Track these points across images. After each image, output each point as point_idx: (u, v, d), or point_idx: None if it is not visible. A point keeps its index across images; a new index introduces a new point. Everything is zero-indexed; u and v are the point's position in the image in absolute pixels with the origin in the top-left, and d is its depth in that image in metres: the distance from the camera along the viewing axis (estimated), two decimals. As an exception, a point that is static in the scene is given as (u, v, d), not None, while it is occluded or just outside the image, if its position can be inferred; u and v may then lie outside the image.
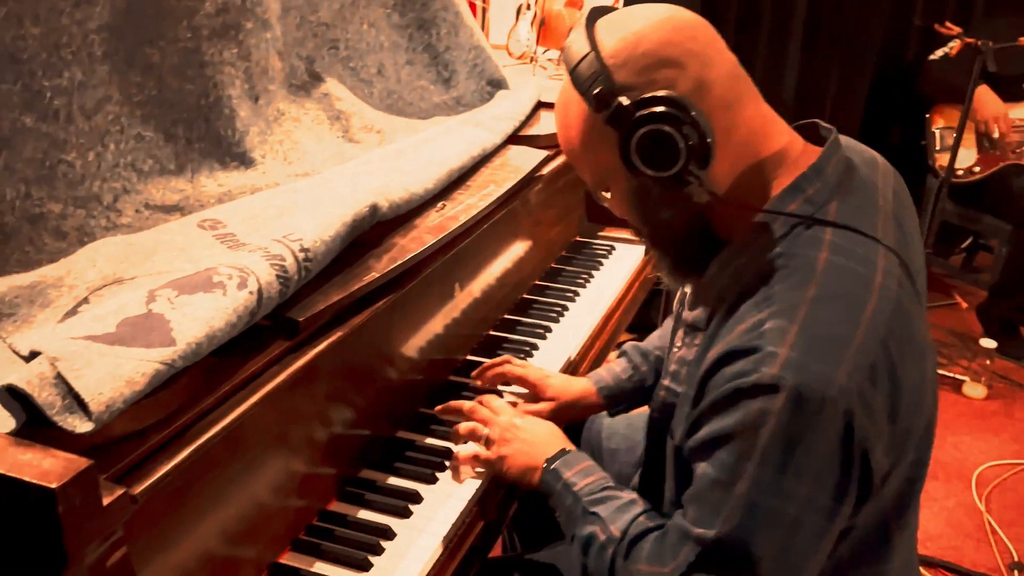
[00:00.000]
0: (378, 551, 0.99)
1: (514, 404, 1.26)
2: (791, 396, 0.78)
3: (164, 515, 0.81)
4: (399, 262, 1.15)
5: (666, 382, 1.02)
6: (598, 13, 0.91)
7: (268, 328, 0.98)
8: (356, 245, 1.15)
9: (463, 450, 1.14)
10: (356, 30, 1.67)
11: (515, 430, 1.14)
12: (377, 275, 1.10)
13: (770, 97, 2.76)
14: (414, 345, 1.26)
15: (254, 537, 0.95)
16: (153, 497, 0.78)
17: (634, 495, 1.01)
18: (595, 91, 0.85)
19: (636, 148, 0.84)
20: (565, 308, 1.59)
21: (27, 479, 0.65)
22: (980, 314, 3.13)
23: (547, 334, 1.50)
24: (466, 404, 1.20)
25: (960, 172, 3.05)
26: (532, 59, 3.04)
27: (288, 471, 1.00)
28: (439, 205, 1.34)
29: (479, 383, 1.33)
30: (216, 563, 0.89)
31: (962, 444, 2.58)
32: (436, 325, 1.32)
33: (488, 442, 1.14)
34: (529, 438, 1.13)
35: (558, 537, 1.23)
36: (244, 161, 1.37)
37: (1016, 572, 2.09)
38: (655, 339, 1.36)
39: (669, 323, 1.33)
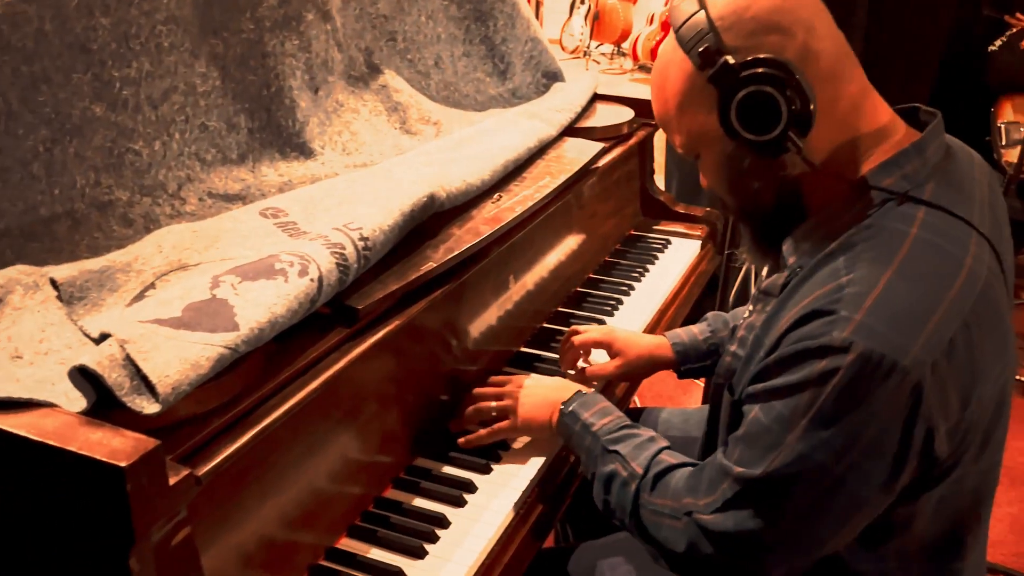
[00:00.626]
0: (433, 539, 1.00)
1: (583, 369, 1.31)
2: (859, 358, 0.77)
3: (226, 497, 0.83)
4: (456, 252, 1.15)
5: (733, 347, 1.01)
6: None
7: (328, 316, 0.99)
8: (414, 235, 1.16)
9: (484, 432, 1.15)
10: (414, 22, 1.68)
11: (525, 388, 1.16)
12: (435, 265, 1.11)
13: None
14: (468, 336, 1.26)
15: (312, 522, 0.96)
16: (216, 479, 0.79)
17: (652, 432, 1.03)
18: (700, 49, 0.85)
19: (737, 109, 0.84)
20: (619, 302, 1.58)
21: (97, 457, 0.66)
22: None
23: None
24: (467, 399, 1.21)
25: (1028, 168, 2.95)
26: (585, 53, 3.02)
27: (345, 457, 1.00)
28: (495, 196, 1.34)
29: (568, 371, 1.33)
30: (275, 546, 0.90)
31: (1028, 449, 2.49)
32: (490, 316, 1.32)
33: (500, 413, 1.15)
34: (540, 390, 1.15)
35: (612, 528, 1.23)
36: (304, 151, 1.39)
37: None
38: (739, 314, 1.35)
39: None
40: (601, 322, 1.50)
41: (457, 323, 1.22)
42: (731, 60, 0.84)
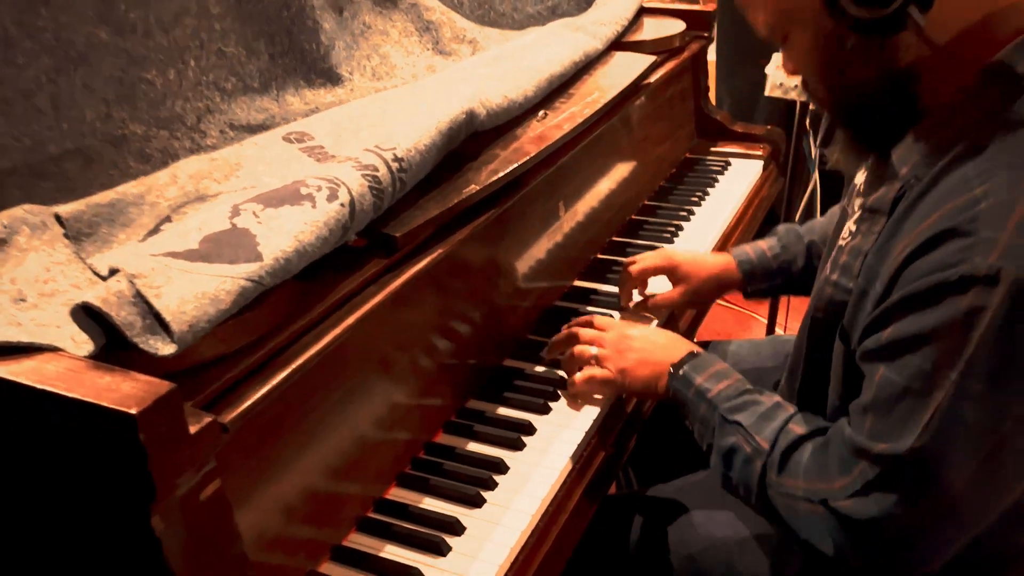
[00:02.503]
0: (491, 486, 0.91)
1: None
2: (1013, 290, 0.64)
3: (260, 446, 0.75)
4: (501, 174, 1.04)
5: (834, 276, 0.87)
6: None
7: (363, 246, 0.90)
8: (452, 157, 1.05)
9: (578, 376, 1.03)
10: (443, -65, 1.54)
11: (629, 340, 1.03)
12: (478, 188, 1.00)
13: None
14: (517, 267, 1.15)
15: (357, 471, 0.88)
16: (247, 426, 0.71)
17: (777, 398, 0.90)
18: None
19: None
20: (679, 228, 1.46)
21: (106, 404, 0.58)
22: None
23: (661, 255, 1.38)
24: (564, 332, 1.09)
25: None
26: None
27: (390, 400, 0.92)
28: (540, 114, 1.22)
29: (624, 305, 1.23)
30: (318, 499, 0.82)
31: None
32: (540, 246, 1.21)
33: (601, 361, 1.03)
34: (648, 346, 1.02)
35: (678, 473, 1.13)
36: (331, 78, 1.28)
37: None
38: (816, 226, 1.21)
39: (835, 210, 1.19)
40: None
41: (504, 253, 1.12)
42: None
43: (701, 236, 1.45)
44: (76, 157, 0.99)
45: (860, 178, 0.92)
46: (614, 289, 1.28)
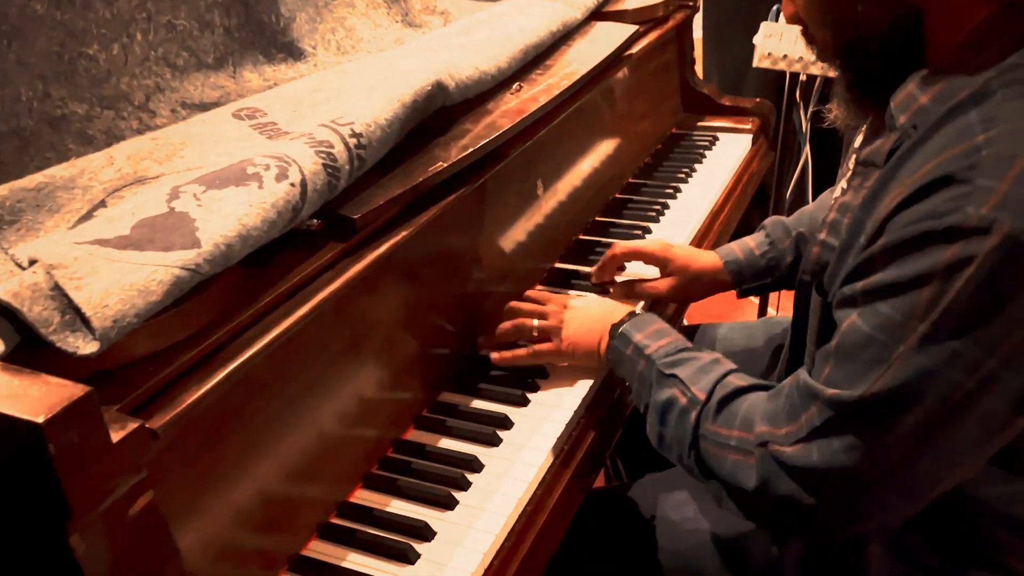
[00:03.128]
0: (464, 486, 0.85)
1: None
2: (1005, 242, 0.59)
3: (203, 452, 0.68)
4: (471, 150, 0.97)
5: (822, 235, 0.82)
6: None
7: (319, 230, 0.83)
8: (419, 132, 0.98)
9: (519, 351, 1.01)
10: (411, -99, 1.46)
11: (571, 310, 1.02)
12: (446, 165, 0.93)
13: None
14: (492, 250, 1.08)
15: (318, 473, 0.81)
16: (184, 431, 0.64)
17: (717, 355, 0.87)
18: None
19: None
20: (665, 206, 1.39)
21: (10, 412, 0.51)
22: None
23: (646, 235, 1.31)
24: (505, 310, 1.05)
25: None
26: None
27: (353, 396, 0.85)
28: (515, 87, 1.15)
29: (596, 282, 1.17)
30: (273, 505, 0.75)
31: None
32: (517, 227, 1.14)
33: (544, 332, 1.01)
34: (590, 312, 1.00)
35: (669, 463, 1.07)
36: (292, 52, 1.20)
37: None
38: (805, 216, 1.15)
39: (825, 196, 1.13)
40: (647, 231, 1.32)
41: (478, 235, 1.05)
42: None
43: (688, 215, 1.38)
44: (10, 139, 0.91)
45: (857, 139, 0.86)
46: (598, 271, 1.21)
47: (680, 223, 1.35)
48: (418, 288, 0.94)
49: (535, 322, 1.02)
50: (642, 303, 1.13)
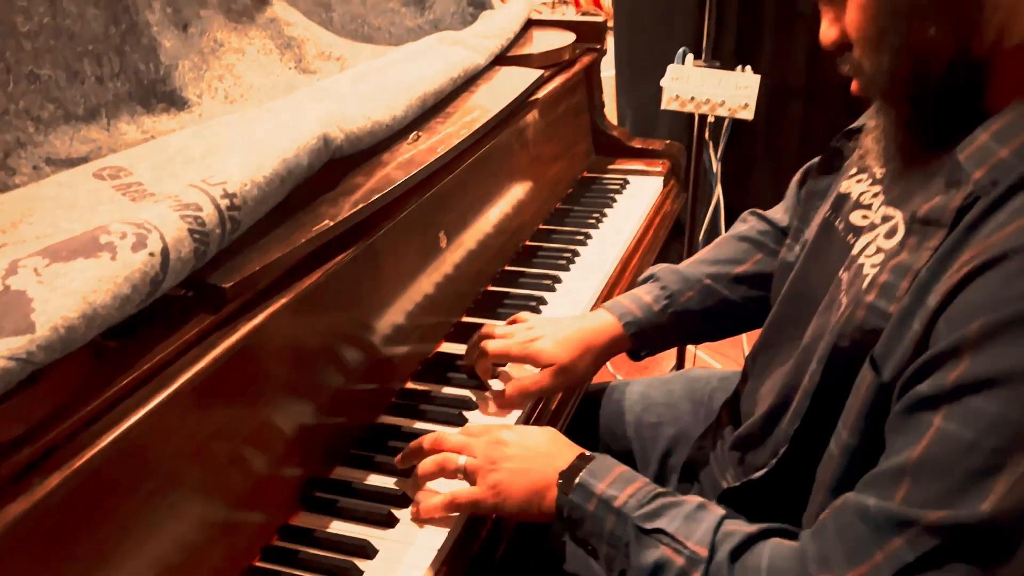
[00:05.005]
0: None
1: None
2: None
3: (41, 564, 0.59)
4: (362, 206, 0.91)
5: (870, 298, 0.69)
6: None
7: (188, 299, 0.75)
8: (306, 188, 0.92)
9: (433, 499, 0.83)
10: (306, -56, 1.41)
11: (502, 447, 0.84)
12: (332, 223, 0.87)
13: (784, 7, 2.33)
14: (390, 310, 1.02)
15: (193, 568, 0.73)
16: (17, 544, 0.55)
17: (699, 498, 0.75)
18: None
19: None
20: (576, 254, 1.35)
21: None
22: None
23: (556, 285, 1.27)
24: (427, 438, 0.87)
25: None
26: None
27: (215, 497, 0.77)
28: (412, 136, 1.10)
29: (466, 363, 1.03)
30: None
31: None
32: (418, 284, 1.08)
33: (470, 474, 0.84)
34: (525, 452, 0.83)
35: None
36: (175, 102, 1.13)
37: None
38: (706, 262, 1.06)
39: (727, 239, 1.09)
40: (557, 280, 1.28)
41: (372, 297, 0.98)
42: None
43: (601, 259, 1.35)
44: None
45: (855, 189, 0.81)
46: (504, 323, 1.16)
47: (592, 270, 1.32)
48: (302, 362, 0.86)
49: (462, 460, 0.84)
50: (525, 405, 0.99)
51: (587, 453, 0.82)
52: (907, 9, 0.64)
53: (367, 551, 0.80)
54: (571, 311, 1.20)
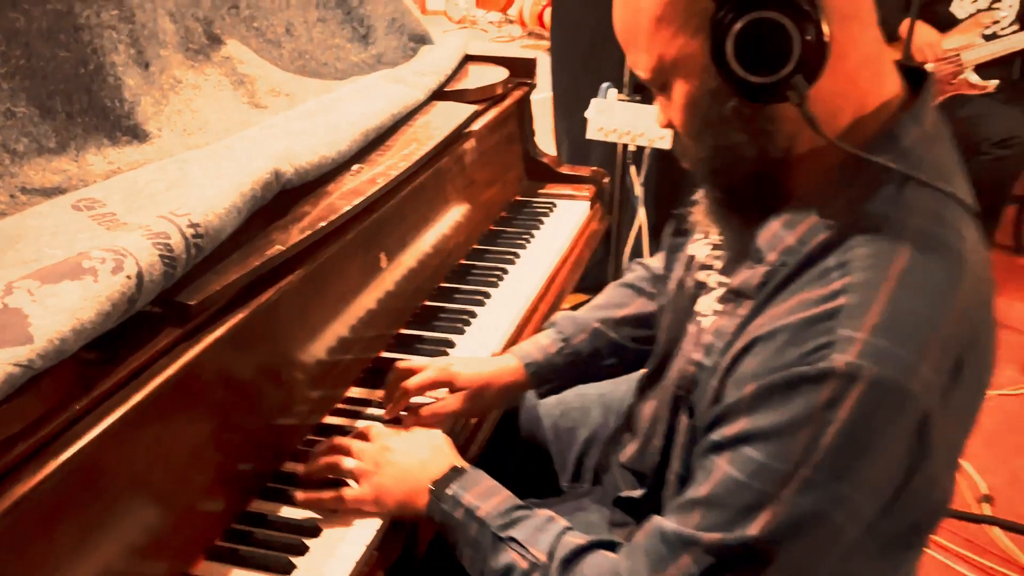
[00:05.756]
0: None
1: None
2: (871, 388, 0.65)
3: (33, 545, 0.71)
4: (308, 233, 1.04)
5: (697, 356, 0.84)
6: None
7: (158, 315, 0.87)
8: (260, 217, 1.04)
9: (323, 494, 0.94)
10: (259, -13, 1.54)
11: (387, 453, 0.95)
12: (283, 248, 0.99)
13: None
14: (337, 323, 1.15)
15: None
16: (16, 523, 0.67)
17: (550, 513, 0.87)
18: None
19: (737, 38, 0.68)
20: (504, 271, 1.50)
21: None
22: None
23: (486, 300, 1.41)
24: (328, 441, 1.00)
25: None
26: (472, 23, 2.91)
27: (199, 470, 0.89)
28: (355, 168, 1.23)
29: (389, 416, 1.11)
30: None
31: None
32: (361, 299, 1.21)
33: (357, 476, 0.95)
34: (406, 459, 0.94)
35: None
36: (137, 135, 1.24)
37: (986, 504, 2.07)
38: (599, 309, 1.19)
39: (614, 287, 1.21)
40: (487, 295, 1.42)
41: (321, 311, 1.11)
42: None
43: (528, 275, 1.49)
44: None
45: (699, 251, 0.91)
46: (441, 335, 1.30)
47: (518, 286, 1.46)
48: (258, 369, 0.99)
49: (351, 463, 0.95)
50: (444, 425, 1.08)
51: (459, 467, 0.93)
52: (716, 120, 0.74)
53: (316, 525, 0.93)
54: (500, 324, 1.35)
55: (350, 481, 0.96)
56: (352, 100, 1.37)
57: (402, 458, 0.95)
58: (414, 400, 1.10)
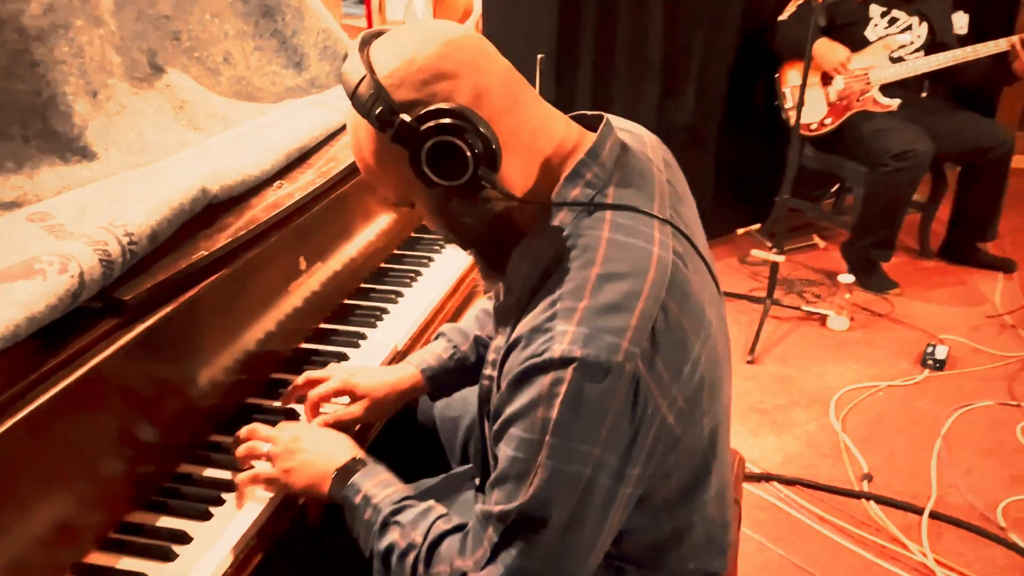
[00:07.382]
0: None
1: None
2: (580, 366, 0.83)
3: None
4: (229, 240, 1.23)
5: (487, 371, 1.03)
6: (371, 36, 0.93)
7: (98, 309, 1.06)
8: (191, 227, 1.23)
9: (242, 474, 1.12)
10: (199, 20, 1.72)
11: (298, 442, 1.12)
12: (206, 253, 1.19)
13: (636, 60, 2.99)
14: (259, 318, 1.34)
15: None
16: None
17: (431, 502, 1.02)
18: (376, 112, 0.86)
19: (426, 161, 0.86)
20: (419, 273, 1.70)
21: None
22: (844, 252, 3.36)
23: (399, 299, 1.61)
24: (244, 429, 1.17)
25: (814, 125, 3.25)
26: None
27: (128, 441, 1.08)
28: (276, 184, 1.42)
29: (284, 404, 1.29)
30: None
31: (825, 373, 2.79)
32: (282, 298, 1.40)
33: (271, 459, 1.12)
34: (314, 447, 1.11)
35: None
36: (86, 155, 1.42)
37: (866, 482, 2.30)
38: (472, 321, 1.37)
39: (480, 306, 1.39)
40: (399, 295, 1.62)
41: (244, 307, 1.30)
42: (407, 118, 0.85)
43: (439, 280, 1.69)
44: None
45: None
46: (355, 328, 1.49)
47: (432, 287, 1.66)
48: (185, 356, 1.18)
49: (266, 448, 1.13)
50: (350, 430, 1.22)
51: (361, 458, 1.09)
52: (452, 215, 0.94)
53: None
54: (410, 320, 1.55)
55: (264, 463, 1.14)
56: (279, 124, 1.57)
57: (310, 445, 1.12)
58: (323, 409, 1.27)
